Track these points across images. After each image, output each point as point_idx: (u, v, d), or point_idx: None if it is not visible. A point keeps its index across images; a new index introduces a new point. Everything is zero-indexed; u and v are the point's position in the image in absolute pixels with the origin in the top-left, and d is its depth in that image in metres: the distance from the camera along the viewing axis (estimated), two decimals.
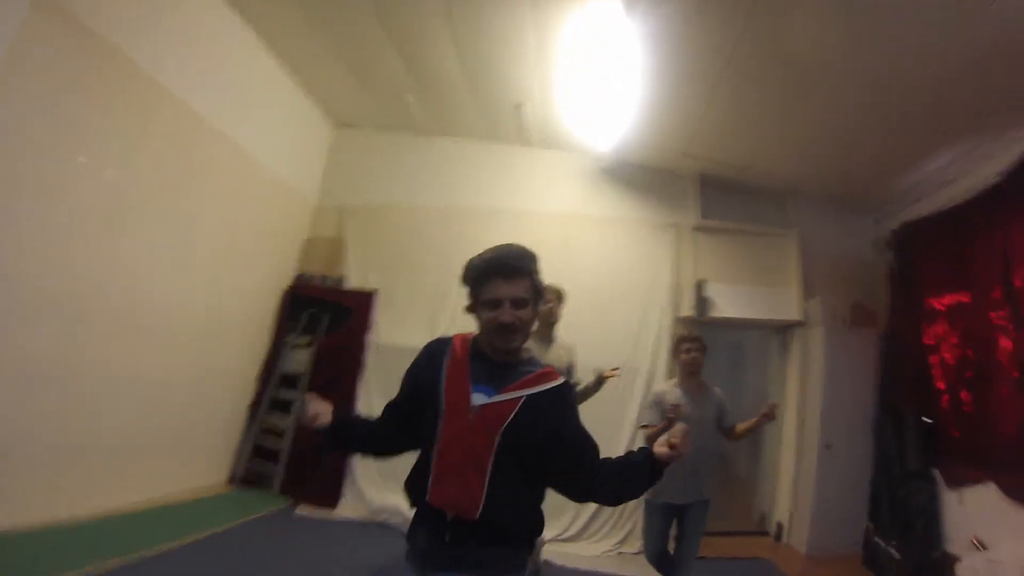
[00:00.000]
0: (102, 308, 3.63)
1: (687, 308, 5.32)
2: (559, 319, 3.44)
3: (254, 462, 5.17)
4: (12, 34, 2.89)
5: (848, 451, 4.77)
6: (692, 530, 3.22)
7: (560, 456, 1.52)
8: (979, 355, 4.21)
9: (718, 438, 3.32)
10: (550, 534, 4.52)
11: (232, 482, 5.07)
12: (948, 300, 4.55)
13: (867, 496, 4.74)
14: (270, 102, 5.11)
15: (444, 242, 5.62)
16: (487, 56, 4.63)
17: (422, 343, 5.33)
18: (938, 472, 4.31)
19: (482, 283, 1.56)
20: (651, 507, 3.31)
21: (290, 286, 5.63)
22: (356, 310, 5.49)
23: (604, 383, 3.40)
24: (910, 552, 4.13)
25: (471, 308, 1.62)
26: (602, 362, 3.53)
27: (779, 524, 4.98)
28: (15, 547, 2.92)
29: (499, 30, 4.26)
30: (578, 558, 4.43)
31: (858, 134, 4.53)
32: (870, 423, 4.87)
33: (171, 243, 4.15)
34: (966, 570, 3.71)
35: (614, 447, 4.56)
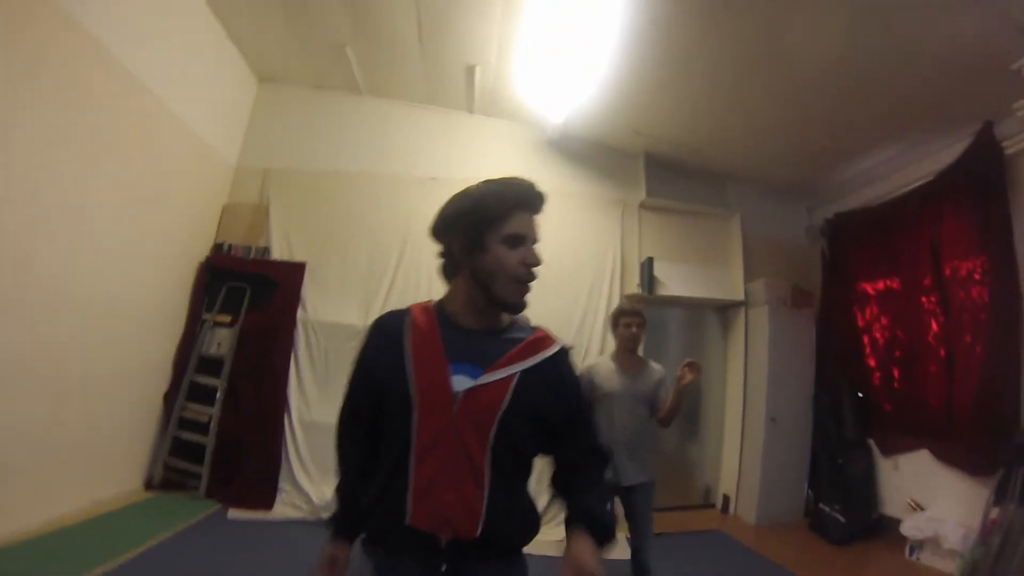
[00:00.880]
0: None
1: (634, 285, 5.33)
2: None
3: (174, 461, 4.47)
4: None
5: (791, 424, 5.08)
6: (642, 512, 3.06)
7: (569, 446, 1.28)
8: (909, 336, 4.61)
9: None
10: None
11: (150, 487, 4.34)
12: (879, 286, 4.95)
13: (807, 466, 5.06)
14: (187, 44, 4.30)
15: (379, 211, 5.19)
16: (447, 10, 4.24)
17: (357, 320, 4.91)
18: (873, 442, 4.71)
19: (503, 215, 1.20)
20: None
21: (207, 258, 4.89)
22: (283, 284, 4.88)
23: None
24: (853, 516, 4.47)
25: (465, 252, 1.23)
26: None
27: (725, 496, 5.22)
28: None
29: None
30: (538, 544, 4.27)
31: (802, 128, 4.79)
32: (809, 398, 5.20)
33: (63, 208, 3.29)
34: (910, 528, 4.09)
35: None
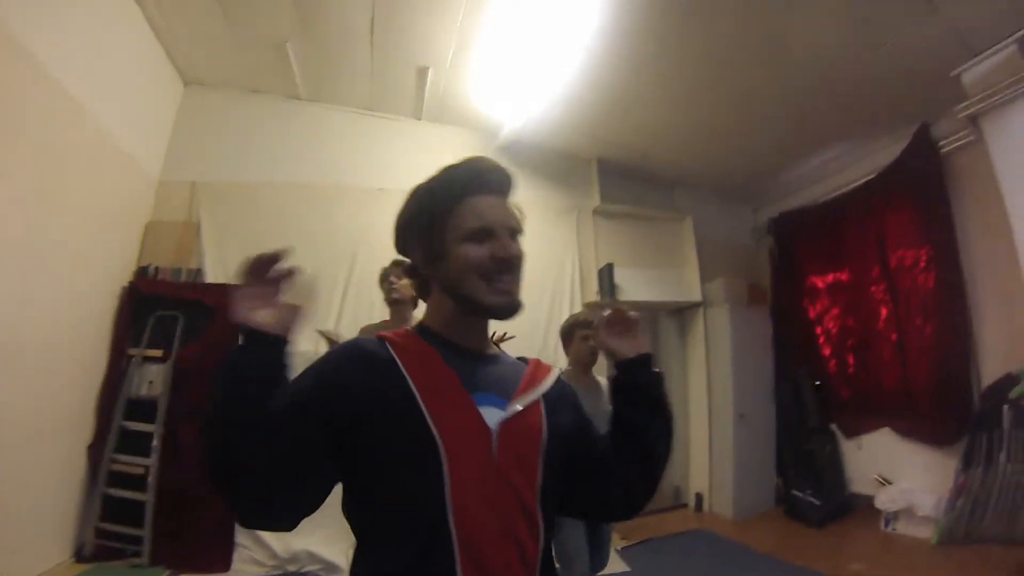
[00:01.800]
0: None
1: (593, 293, 5.29)
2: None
3: (107, 526, 3.73)
4: None
5: (756, 418, 5.24)
6: (607, 534, 2.88)
7: (590, 470, 1.04)
8: (860, 324, 4.93)
9: None
10: None
11: (81, 559, 3.61)
12: (829, 279, 5.26)
13: (774, 456, 5.24)
14: (108, 42, 3.76)
15: (324, 225, 4.77)
16: (406, 5, 3.99)
17: (307, 345, 4.56)
18: (836, 426, 4.97)
19: (454, 207, 0.99)
20: None
21: (130, 283, 4.25)
22: (220, 310, 4.33)
23: None
24: (826, 497, 4.67)
25: (428, 263, 1.01)
26: (513, 352, 3.18)
27: (698, 495, 5.28)
28: None
29: None
30: None
31: (747, 132, 5.00)
32: (771, 391, 5.40)
33: None
34: (883, 502, 4.34)
35: None
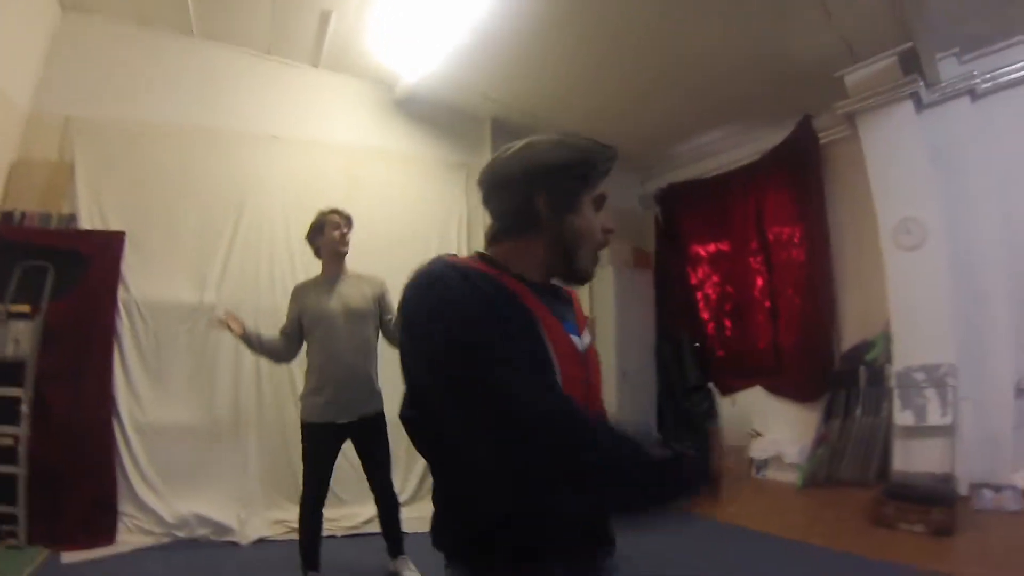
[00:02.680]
0: None
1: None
2: (348, 249, 3.04)
3: None
4: None
5: (638, 377, 5.60)
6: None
7: None
8: (738, 291, 5.45)
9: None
10: None
11: None
12: (711, 248, 5.72)
13: (655, 413, 5.68)
14: None
15: (212, 172, 4.42)
16: None
17: (190, 297, 4.30)
18: (712, 384, 5.48)
19: (598, 176, 1.06)
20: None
21: None
22: (96, 260, 3.87)
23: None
24: (703, 450, 5.13)
25: (553, 209, 1.01)
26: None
27: None
28: None
29: None
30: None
31: (642, 105, 5.22)
32: (652, 350, 5.80)
33: None
34: (757, 451, 4.90)
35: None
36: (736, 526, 3.89)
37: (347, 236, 3.00)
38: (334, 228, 2.96)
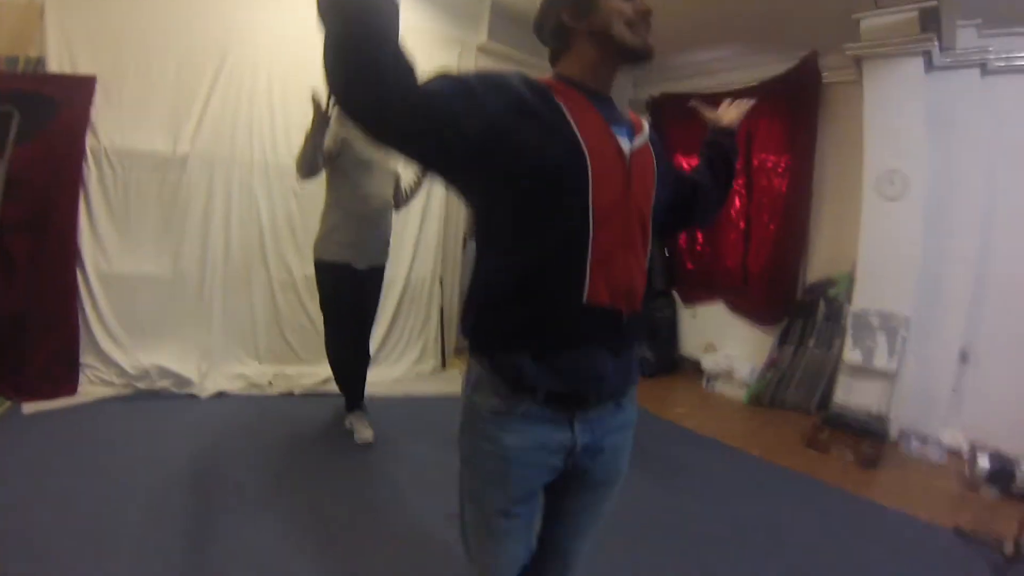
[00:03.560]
0: None
1: None
2: None
3: None
4: None
5: None
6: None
7: (684, 196, 1.43)
8: None
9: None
10: None
11: None
12: (694, 162, 5.75)
13: None
14: None
15: (190, 16, 3.94)
16: None
17: (163, 147, 4.89)
18: (676, 293, 5.82)
19: None
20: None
21: None
22: (65, 105, 3.54)
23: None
24: (659, 354, 5.61)
25: (576, 16, 1.15)
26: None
27: None
28: None
29: None
30: (377, 385, 4.15)
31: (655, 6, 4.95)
32: None
33: None
34: (709, 362, 5.33)
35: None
36: (685, 428, 4.32)
37: None
38: None
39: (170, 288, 3.90)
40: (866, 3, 4.11)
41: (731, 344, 5.43)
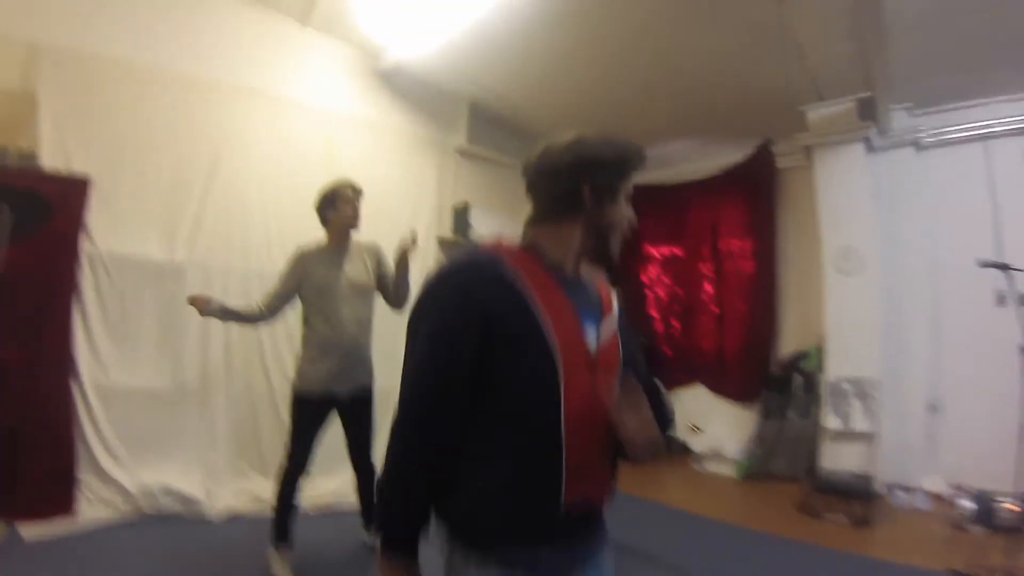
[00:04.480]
0: None
1: (448, 228, 5.45)
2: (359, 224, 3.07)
3: None
4: None
5: None
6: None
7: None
8: (688, 294, 5.85)
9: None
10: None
11: None
12: (665, 251, 6.08)
13: None
14: None
15: (188, 120, 4.12)
16: None
17: (159, 254, 4.51)
18: (657, 380, 5.84)
19: (628, 172, 1.19)
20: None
21: None
22: (60, 205, 3.52)
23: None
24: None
25: (599, 200, 1.15)
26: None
27: None
28: None
29: None
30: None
31: (616, 108, 5.41)
32: None
33: None
34: (697, 444, 5.33)
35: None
36: (679, 509, 4.25)
37: (359, 211, 3.00)
38: (347, 203, 2.96)
39: (171, 401, 3.75)
40: (810, 96, 4.58)
41: (716, 424, 5.45)
